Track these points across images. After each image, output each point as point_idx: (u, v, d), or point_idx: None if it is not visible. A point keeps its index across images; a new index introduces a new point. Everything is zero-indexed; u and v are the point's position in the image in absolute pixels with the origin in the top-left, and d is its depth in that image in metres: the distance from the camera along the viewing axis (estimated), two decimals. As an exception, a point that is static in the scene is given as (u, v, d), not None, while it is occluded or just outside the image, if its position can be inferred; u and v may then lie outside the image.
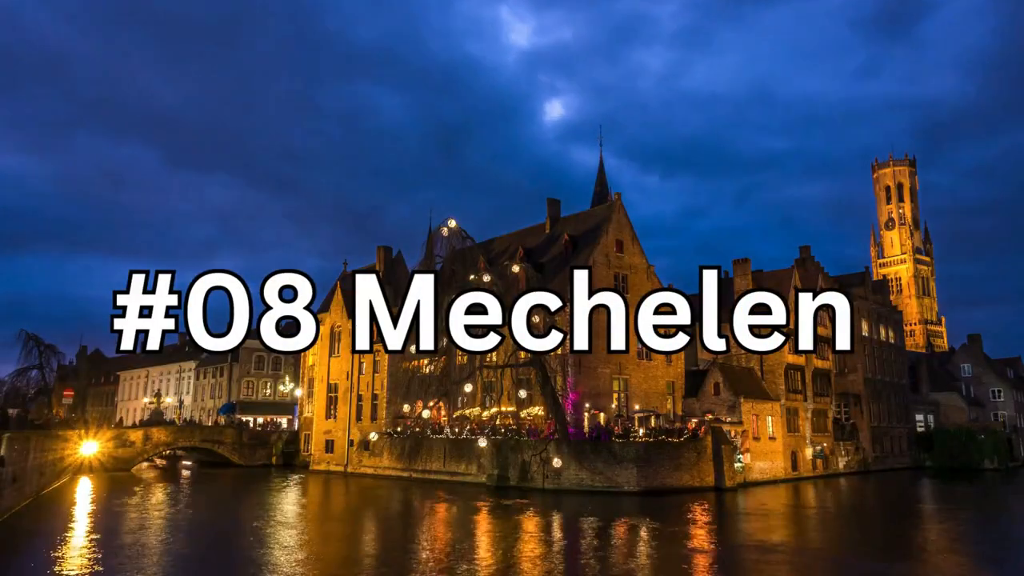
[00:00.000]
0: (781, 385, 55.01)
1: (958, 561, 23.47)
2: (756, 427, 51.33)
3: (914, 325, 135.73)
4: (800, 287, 59.26)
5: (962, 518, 35.55)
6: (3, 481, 29.69)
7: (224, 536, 27.42)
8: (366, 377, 62.42)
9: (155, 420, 75.92)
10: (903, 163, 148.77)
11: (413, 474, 51.77)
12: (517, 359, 46.42)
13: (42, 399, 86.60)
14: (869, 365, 69.56)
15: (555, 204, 58.93)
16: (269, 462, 70.83)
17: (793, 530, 30.87)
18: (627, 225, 53.40)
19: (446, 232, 48.67)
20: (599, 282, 50.35)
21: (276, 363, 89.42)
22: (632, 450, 41.92)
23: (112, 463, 60.68)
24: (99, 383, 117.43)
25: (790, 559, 23.41)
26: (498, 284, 47.36)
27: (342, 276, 79.74)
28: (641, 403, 49.74)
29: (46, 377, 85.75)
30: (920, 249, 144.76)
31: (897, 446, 71.19)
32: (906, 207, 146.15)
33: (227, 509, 35.19)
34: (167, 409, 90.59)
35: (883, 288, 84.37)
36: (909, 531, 30.68)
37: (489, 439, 46.55)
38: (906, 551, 25.27)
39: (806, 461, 56.32)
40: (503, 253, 59.11)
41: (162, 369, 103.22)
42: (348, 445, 61.85)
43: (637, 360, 51.41)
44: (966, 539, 28.54)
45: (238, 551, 23.49)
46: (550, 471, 43.07)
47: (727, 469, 44.48)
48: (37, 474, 40.78)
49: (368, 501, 41.76)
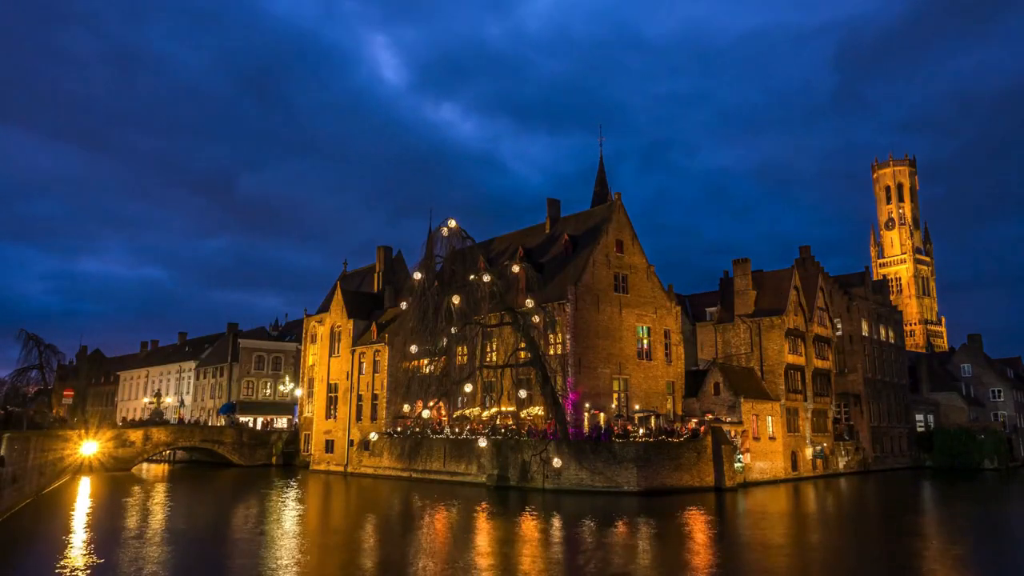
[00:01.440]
0: (781, 385, 55.01)
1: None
2: (756, 427, 51.33)
3: (914, 325, 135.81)
4: (800, 287, 59.33)
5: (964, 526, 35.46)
6: (3, 481, 29.69)
7: (221, 542, 27.37)
8: (366, 377, 62.43)
9: (155, 420, 75.92)
10: (903, 163, 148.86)
11: (413, 474, 51.77)
12: (517, 359, 46.43)
13: (42, 399, 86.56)
14: (869, 365, 69.58)
15: (555, 204, 58.97)
16: (269, 462, 70.86)
17: (795, 535, 30.83)
18: (627, 225, 53.44)
19: (446, 232, 48.66)
20: (599, 282, 50.43)
21: (276, 363, 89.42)
22: (632, 450, 41.91)
23: (112, 463, 60.73)
24: (99, 383, 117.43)
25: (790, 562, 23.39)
26: (498, 284, 47.39)
27: (342, 276, 79.83)
28: (641, 403, 49.74)
29: (46, 377, 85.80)
30: (920, 249, 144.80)
31: (897, 446, 71.21)
32: (906, 207, 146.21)
33: (225, 513, 35.09)
34: (167, 409, 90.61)
35: (883, 288, 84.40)
36: (909, 537, 30.64)
37: (489, 439, 46.55)
38: (906, 558, 25.22)
39: (806, 461, 56.32)
40: (503, 253, 59.14)
41: (162, 369, 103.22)
42: (348, 445, 61.86)
43: (637, 360, 51.43)
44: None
45: (234, 559, 23.45)
46: (550, 471, 43.07)
47: (727, 469, 44.48)
48: (37, 474, 40.79)
49: (367, 505, 41.72)
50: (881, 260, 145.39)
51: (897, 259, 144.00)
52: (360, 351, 63.59)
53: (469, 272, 47.65)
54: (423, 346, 47.24)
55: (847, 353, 68.38)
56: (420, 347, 47.26)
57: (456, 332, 46.62)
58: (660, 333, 53.66)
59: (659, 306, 54.00)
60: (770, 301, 58.04)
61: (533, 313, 46.82)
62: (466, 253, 49.91)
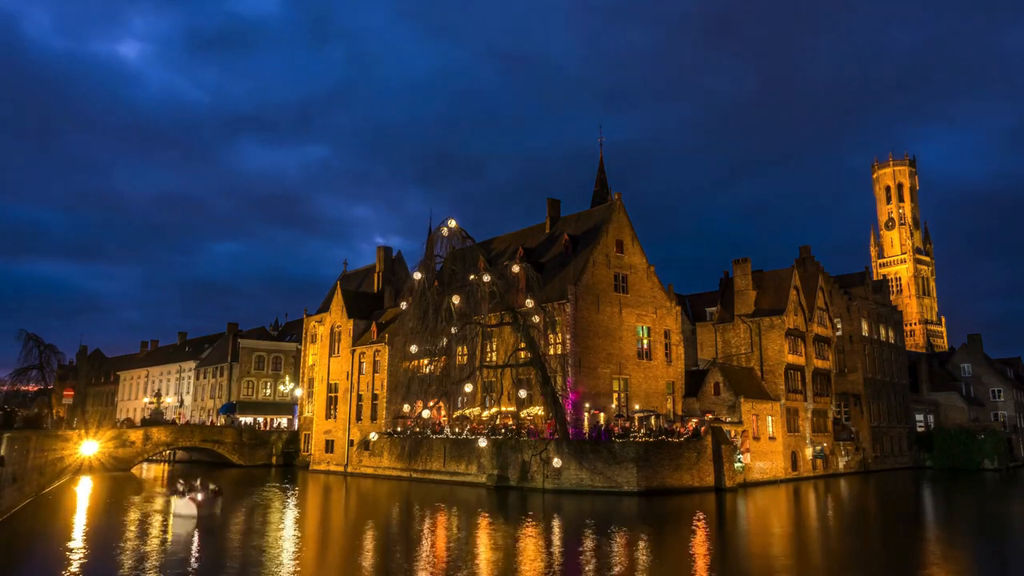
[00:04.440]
0: (781, 385, 55.00)
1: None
2: (756, 427, 51.32)
3: (914, 325, 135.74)
4: (800, 287, 59.31)
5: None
6: (3, 481, 29.69)
7: (217, 546, 27.35)
8: (366, 377, 62.41)
9: (155, 420, 75.92)
10: (903, 163, 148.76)
11: (413, 474, 51.76)
12: (517, 359, 46.41)
13: (42, 399, 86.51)
14: (869, 365, 69.57)
15: (555, 204, 58.96)
16: (269, 462, 70.84)
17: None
18: (627, 225, 53.42)
19: (446, 232, 48.63)
20: (599, 282, 50.41)
21: (276, 363, 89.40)
22: (632, 450, 41.89)
23: (112, 463, 60.71)
24: (99, 383, 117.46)
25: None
26: (498, 284, 47.37)
27: (342, 276, 79.85)
28: (641, 403, 49.73)
29: (46, 377, 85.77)
30: (920, 249, 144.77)
31: (897, 446, 71.20)
32: (906, 207, 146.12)
33: (222, 517, 35.03)
34: (167, 409, 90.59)
35: (883, 288, 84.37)
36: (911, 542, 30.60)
37: (489, 439, 46.54)
38: (907, 559, 25.18)
39: (806, 461, 56.31)
40: (503, 253, 59.14)
41: (162, 369, 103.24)
42: (348, 445, 61.84)
43: (637, 360, 51.42)
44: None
45: (231, 565, 23.43)
46: (550, 471, 43.05)
47: (727, 469, 44.47)
48: (37, 474, 40.79)
49: (368, 509, 41.65)
50: (881, 260, 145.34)
51: (897, 259, 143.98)
52: (360, 351, 63.57)
53: (469, 272, 47.64)
54: (423, 346, 47.22)
55: (847, 353, 68.37)
56: (420, 347, 47.24)
57: (456, 332, 46.59)
58: (660, 333, 53.64)
59: (659, 306, 53.99)
60: (770, 301, 58.03)
61: (533, 313, 46.81)
62: (466, 253, 49.92)
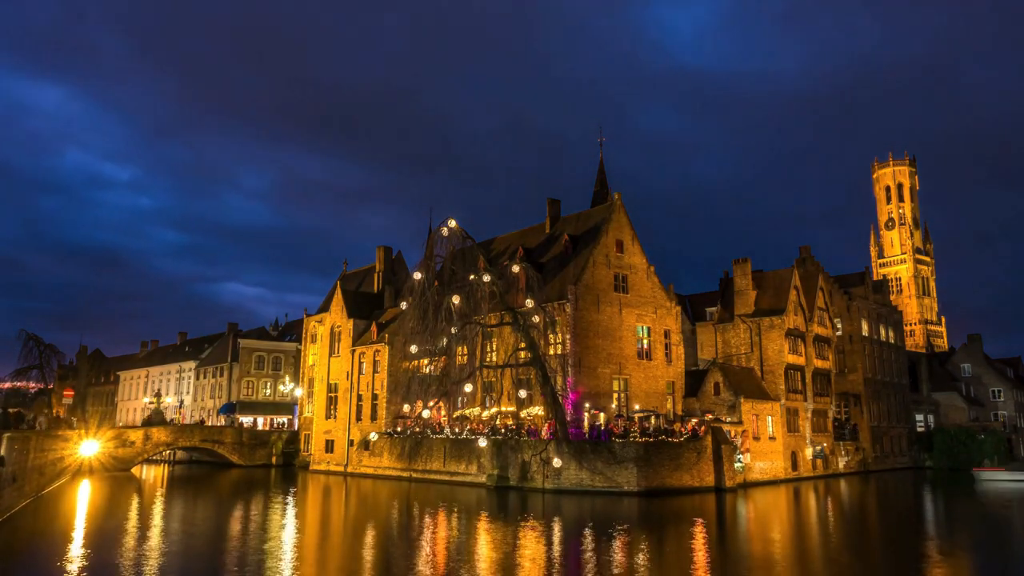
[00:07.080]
0: (781, 385, 54.99)
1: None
2: (756, 427, 51.32)
3: (914, 325, 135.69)
4: (800, 287, 59.29)
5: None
6: (3, 481, 29.67)
7: (215, 548, 27.35)
8: (366, 377, 62.41)
9: (155, 420, 75.87)
10: (903, 163, 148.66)
11: (413, 474, 51.75)
12: (517, 359, 46.40)
13: (42, 399, 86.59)
14: (869, 365, 69.57)
15: (555, 204, 58.97)
16: (269, 462, 70.84)
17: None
18: (627, 225, 53.41)
19: (446, 232, 48.64)
20: (599, 282, 50.41)
21: (276, 363, 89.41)
22: (632, 450, 41.88)
23: (112, 463, 60.69)
24: (99, 383, 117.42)
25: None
26: (498, 284, 47.37)
27: (342, 276, 79.82)
28: (641, 403, 49.72)
29: (46, 377, 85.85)
30: (920, 249, 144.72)
31: (897, 446, 71.20)
32: (906, 207, 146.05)
33: (222, 517, 35.11)
34: (167, 409, 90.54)
35: (883, 288, 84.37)
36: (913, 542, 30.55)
37: (489, 439, 46.54)
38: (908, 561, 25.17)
39: (806, 461, 56.31)
40: (503, 253, 59.14)
41: (162, 369, 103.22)
42: (348, 445, 61.84)
43: (637, 360, 51.42)
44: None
45: (229, 566, 23.42)
46: (550, 471, 43.05)
47: (727, 469, 44.47)
48: (37, 474, 40.77)
49: (368, 509, 41.62)
50: (881, 260, 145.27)
51: (897, 259, 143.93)
52: (360, 351, 63.56)
53: (469, 272, 47.64)
54: (423, 346, 47.22)
55: (847, 353, 68.37)
56: (420, 347, 47.24)
57: (456, 332, 46.60)
58: (660, 333, 53.64)
59: (659, 306, 53.98)
60: (770, 301, 58.02)
61: (533, 313, 46.80)
62: (466, 253, 49.89)
